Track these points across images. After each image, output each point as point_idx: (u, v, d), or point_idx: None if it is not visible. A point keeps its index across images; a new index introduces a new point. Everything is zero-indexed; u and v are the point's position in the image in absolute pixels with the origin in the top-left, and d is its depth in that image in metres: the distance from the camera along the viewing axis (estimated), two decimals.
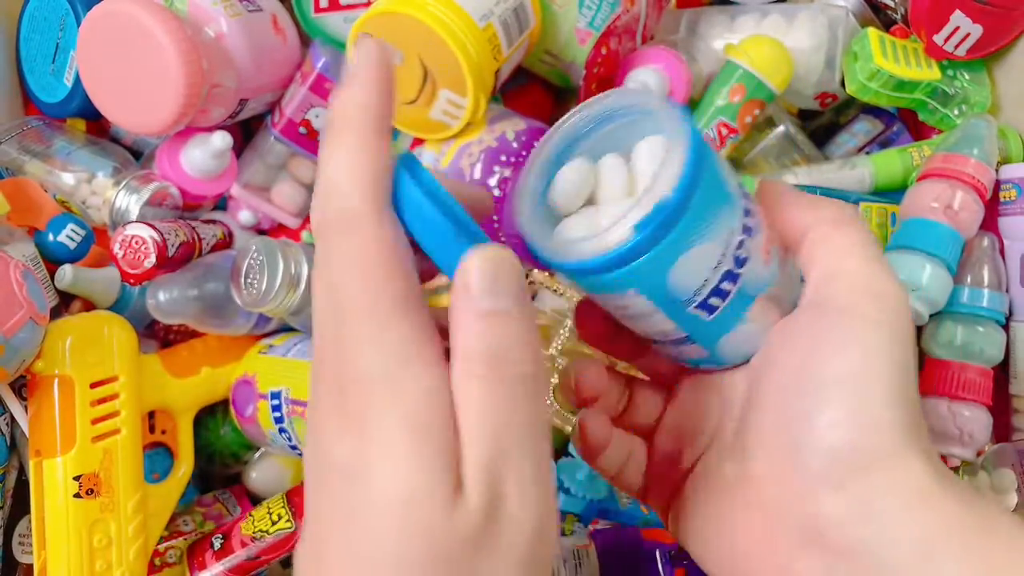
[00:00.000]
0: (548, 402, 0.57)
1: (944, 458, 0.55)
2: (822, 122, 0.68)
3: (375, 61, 0.25)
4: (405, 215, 0.24)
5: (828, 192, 0.58)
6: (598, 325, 0.33)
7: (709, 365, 0.31)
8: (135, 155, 0.60)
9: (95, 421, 0.47)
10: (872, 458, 0.25)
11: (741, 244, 0.28)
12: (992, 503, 0.26)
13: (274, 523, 0.52)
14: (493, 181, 0.51)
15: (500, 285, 0.23)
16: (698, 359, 0.31)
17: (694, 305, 0.28)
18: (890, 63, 0.57)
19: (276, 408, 0.51)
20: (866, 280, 0.28)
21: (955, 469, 0.54)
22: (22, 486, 0.50)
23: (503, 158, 0.51)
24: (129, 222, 0.52)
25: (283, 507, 0.53)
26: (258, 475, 0.58)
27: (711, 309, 0.28)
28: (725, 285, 0.28)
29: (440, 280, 0.64)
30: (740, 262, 0.28)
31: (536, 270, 0.57)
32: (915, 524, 0.25)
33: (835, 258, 0.29)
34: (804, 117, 0.68)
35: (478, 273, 0.23)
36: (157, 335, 0.57)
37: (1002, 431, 0.56)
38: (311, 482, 0.24)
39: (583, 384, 0.33)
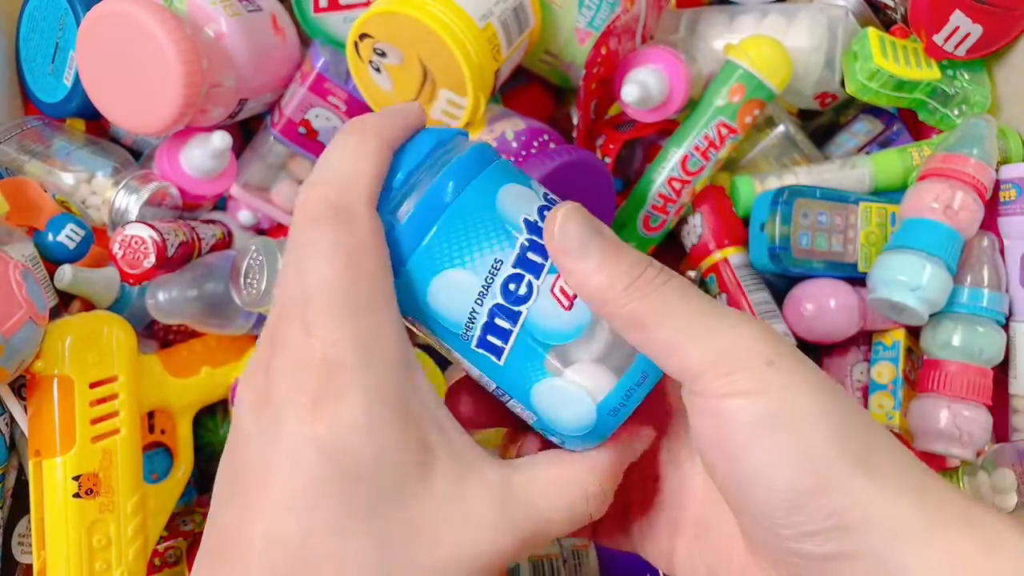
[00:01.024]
0: None
1: (943, 458, 0.55)
2: (822, 122, 0.68)
3: (407, 113, 0.27)
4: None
5: (828, 192, 0.58)
6: (467, 406, 0.31)
7: (553, 436, 0.28)
8: (135, 155, 0.60)
9: (94, 421, 0.47)
10: (851, 519, 0.23)
11: (516, 279, 0.26)
12: (988, 511, 0.25)
13: None
14: None
15: None
16: (537, 426, 0.28)
17: (474, 342, 0.27)
18: (890, 63, 0.57)
19: None
20: (708, 347, 0.24)
21: (955, 469, 0.54)
22: (22, 486, 0.50)
23: None
24: (128, 222, 0.52)
25: None
26: None
27: (495, 350, 0.26)
28: (500, 322, 0.26)
29: None
30: (516, 299, 0.26)
31: None
32: (929, 568, 0.23)
33: (663, 335, 0.25)
34: (804, 117, 0.67)
35: None
36: (157, 335, 0.57)
37: (1002, 431, 0.56)
38: (239, 440, 0.25)
39: (458, 410, 0.31)
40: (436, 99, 0.51)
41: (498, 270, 0.26)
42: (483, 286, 0.26)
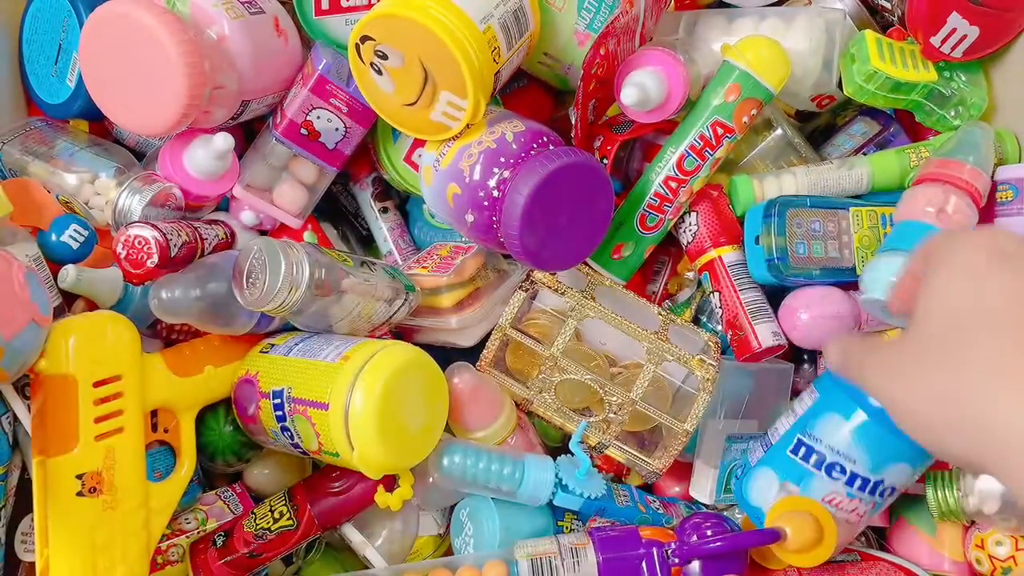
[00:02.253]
0: (555, 399, 0.58)
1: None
2: (820, 124, 0.68)
3: None
4: None
5: (818, 200, 0.58)
6: None
7: None
8: (138, 156, 0.61)
9: (98, 420, 0.47)
10: None
11: None
12: None
13: (276, 521, 0.53)
14: (492, 182, 0.51)
15: None
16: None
17: None
18: (887, 65, 0.57)
19: (278, 407, 0.51)
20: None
21: (950, 469, 0.54)
22: (25, 484, 0.51)
23: (502, 159, 0.52)
24: (132, 222, 0.52)
25: (285, 505, 0.53)
26: (260, 473, 0.59)
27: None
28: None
29: (439, 280, 0.64)
30: None
31: (537, 271, 0.58)
32: None
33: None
34: (802, 119, 0.68)
35: None
36: (160, 334, 0.58)
37: None
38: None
39: None
40: (437, 101, 0.51)
41: None
42: None
